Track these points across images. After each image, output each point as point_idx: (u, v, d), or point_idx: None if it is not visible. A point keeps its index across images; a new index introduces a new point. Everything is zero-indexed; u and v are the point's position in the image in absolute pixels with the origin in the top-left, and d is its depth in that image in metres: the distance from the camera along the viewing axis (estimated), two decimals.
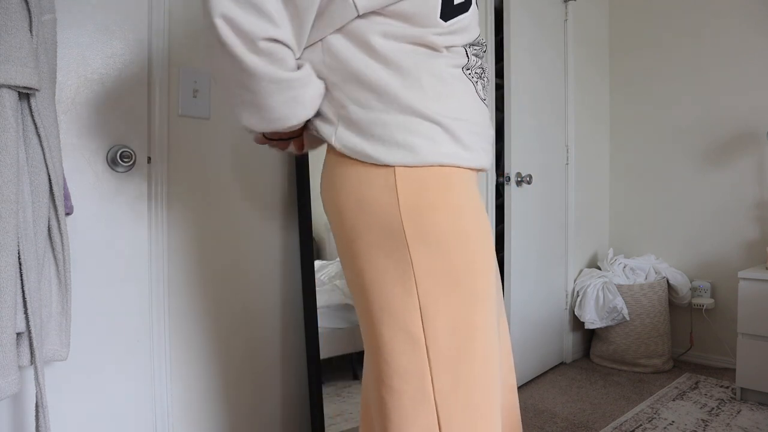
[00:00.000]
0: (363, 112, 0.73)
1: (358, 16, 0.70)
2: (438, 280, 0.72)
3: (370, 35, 0.71)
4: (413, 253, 0.71)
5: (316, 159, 1.55)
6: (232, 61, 0.67)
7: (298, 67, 0.72)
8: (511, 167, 2.23)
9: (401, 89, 0.72)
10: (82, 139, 1.13)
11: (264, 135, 0.87)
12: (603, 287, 2.49)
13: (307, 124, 0.81)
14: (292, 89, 0.70)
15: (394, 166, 0.72)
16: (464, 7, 0.74)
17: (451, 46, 0.75)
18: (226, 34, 0.66)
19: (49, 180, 0.92)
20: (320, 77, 0.74)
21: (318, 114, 0.77)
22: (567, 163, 2.65)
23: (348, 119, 0.74)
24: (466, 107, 0.77)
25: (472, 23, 0.78)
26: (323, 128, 0.77)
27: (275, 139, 0.87)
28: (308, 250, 1.52)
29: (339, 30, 0.72)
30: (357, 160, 0.73)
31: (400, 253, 0.71)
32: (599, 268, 2.73)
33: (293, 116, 0.73)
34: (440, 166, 0.73)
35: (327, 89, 0.75)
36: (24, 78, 0.84)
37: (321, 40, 0.73)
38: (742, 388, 2.07)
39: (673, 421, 1.89)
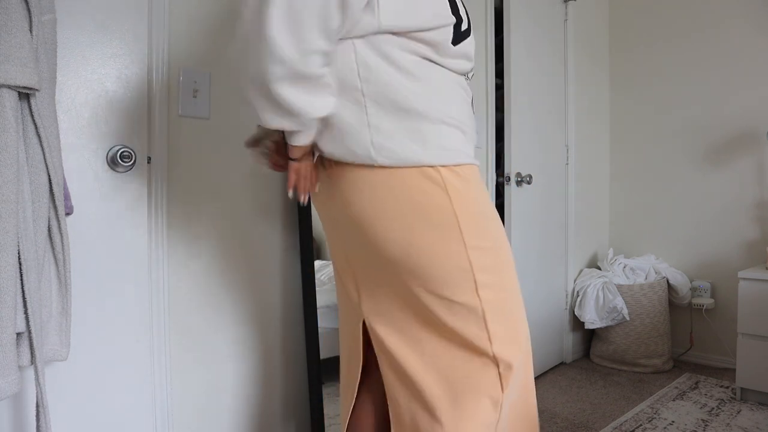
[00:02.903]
0: (398, 122, 0.81)
1: (380, 32, 0.78)
2: (487, 260, 0.85)
3: (395, 51, 0.79)
4: (468, 242, 0.82)
5: None
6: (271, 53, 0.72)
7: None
8: (511, 167, 2.23)
9: (428, 101, 0.82)
10: (82, 139, 1.13)
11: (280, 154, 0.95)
12: (603, 287, 2.49)
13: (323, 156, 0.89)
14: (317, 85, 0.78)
15: (437, 166, 0.81)
16: (467, 33, 0.87)
17: (457, 70, 0.87)
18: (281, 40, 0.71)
19: (49, 180, 0.92)
20: (352, 86, 0.80)
21: (347, 135, 0.82)
22: (567, 163, 2.65)
23: (384, 132, 0.80)
24: (470, 117, 0.91)
25: (472, 50, 0.89)
26: (356, 148, 0.82)
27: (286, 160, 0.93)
28: (308, 250, 1.52)
29: (364, 40, 0.79)
30: (400, 167, 0.80)
31: (453, 243, 0.82)
32: (599, 268, 2.73)
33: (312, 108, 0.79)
34: (468, 164, 0.86)
35: (357, 102, 0.81)
36: (24, 78, 0.84)
37: (354, 52, 0.79)
38: (742, 388, 2.07)
39: (673, 421, 1.89)
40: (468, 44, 0.87)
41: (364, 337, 0.96)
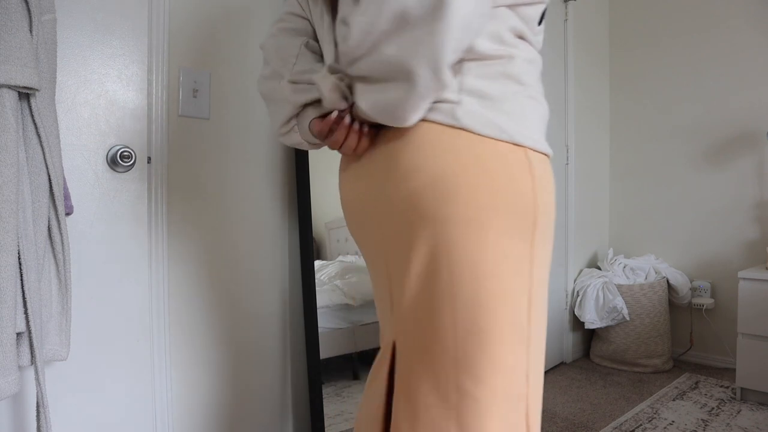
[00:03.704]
0: (491, 84, 0.69)
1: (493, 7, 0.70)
2: (541, 268, 0.72)
3: (497, 25, 0.70)
4: (536, 239, 0.70)
5: (317, 159, 1.55)
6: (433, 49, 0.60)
7: None
8: None
9: (528, 75, 0.73)
10: (82, 139, 1.13)
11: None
12: (603, 287, 2.49)
13: None
14: None
15: (525, 147, 0.69)
16: (544, 15, 0.79)
17: (538, 49, 0.79)
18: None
19: (49, 180, 0.93)
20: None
21: None
22: (567, 163, 2.65)
23: (477, 92, 0.68)
24: None
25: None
26: (440, 104, 0.68)
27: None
28: (308, 250, 1.52)
29: None
30: (485, 135, 0.67)
31: (524, 237, 0.69)
32: (599, 268, 2.73)
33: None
34: (547, 156, 0.74)
35: (455, 71, 0.70)
36: (24, 78, 0.84)
37: None
38: (742, 388, 2.07)
39: (673, 421, 1.89)
40: (543, 24, 0.80)
41: (392, 361, 0.77)
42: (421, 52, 0.59)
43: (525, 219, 0.68)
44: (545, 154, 0.74)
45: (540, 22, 0.77)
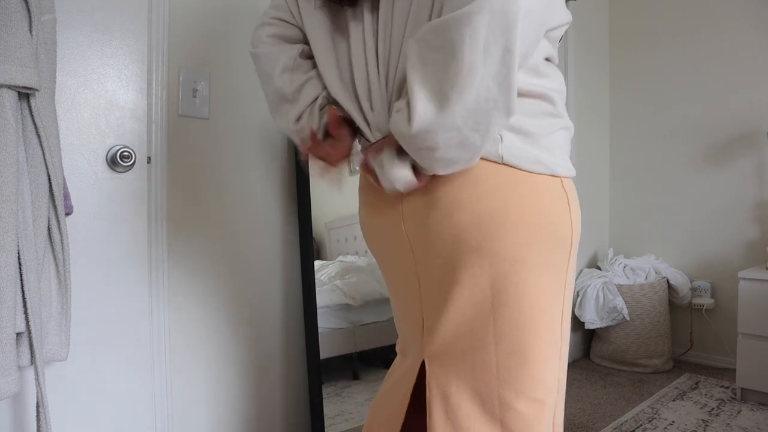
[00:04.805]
0: (532, 121, 0.70)
1: None
2: (572, 282, 0.76)
3: (537, 57, 0.71)
4: (570, 261, 0.73)
5: None
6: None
7: None
8: None
9: (561, 107, 0.75)
10: (82, 139, 1.13)
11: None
12: (603, 287, 2.49)
13: None
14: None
15: (560, 177, 0.72)
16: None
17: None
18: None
19: (49, 180, 0.92)
20: None
21: None
22: None
23: (518, 129, 0.69)
24: None
25: None
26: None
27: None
28: (308, 250, 1.52)
29: None
30: (526, 170, 0.68)
31: (561, 264, 0.72)
32: (599, 268, 2.73)
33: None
34: (571, 179, 0.75)
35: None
36: (24, 78, 0.84)
37: None
38: (742, 388, 2.06)
39: (673, 422, 1.88)
40: None
41: (419, 379, 0.78)
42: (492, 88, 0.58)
43: (564, 249, 0.72)
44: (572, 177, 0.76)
45: (560, 39, 0.77)
